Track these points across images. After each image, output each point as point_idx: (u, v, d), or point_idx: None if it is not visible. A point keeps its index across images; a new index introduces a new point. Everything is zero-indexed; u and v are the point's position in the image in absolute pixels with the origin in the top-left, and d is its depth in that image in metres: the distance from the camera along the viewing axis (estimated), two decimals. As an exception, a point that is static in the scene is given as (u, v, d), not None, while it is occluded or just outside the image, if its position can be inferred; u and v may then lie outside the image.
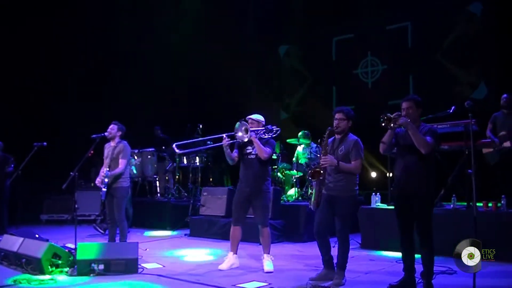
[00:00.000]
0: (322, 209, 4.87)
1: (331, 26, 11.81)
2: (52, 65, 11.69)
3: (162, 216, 9.52)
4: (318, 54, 12.32)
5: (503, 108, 7.24)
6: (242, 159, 5.63)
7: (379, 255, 6.47)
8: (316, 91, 12.08)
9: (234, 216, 5.68)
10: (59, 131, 11.10)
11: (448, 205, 6.87)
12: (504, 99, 7.22)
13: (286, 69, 12.83)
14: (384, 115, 4.36)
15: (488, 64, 9.59)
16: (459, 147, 6.92)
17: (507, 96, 7.23)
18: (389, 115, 4.36)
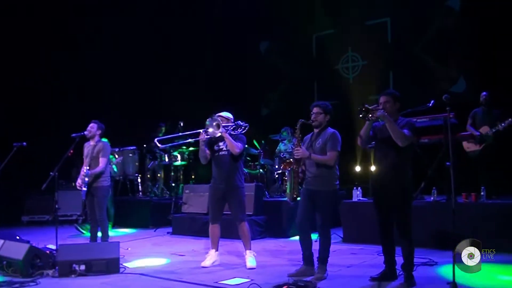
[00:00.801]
0: (303, 204, 4.89)
1: (311, 22, 11.83)
2: (32, 63, 11.51)
3: (144, 215, 9.47)
4: (298, 50, 12.34)
5: (482, 105, 7.38)
6: (213, 156, 5.63)
7: (360, 249, 6.52)
8: (297, 87, 12.09)
9: (211, 215, 5.68)
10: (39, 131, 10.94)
11: (428, 197, 6.95)
12: (483, 97, 7.36)
13: (267, 65, 12.82)
14: (362, 106, 4.40)
15: (467, 59, 9.69)
16: (439, 140, 7.01)
17: (486, 93, 7.36)
18: (367, 106, 4.40)
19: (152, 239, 8.05)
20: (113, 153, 9.48)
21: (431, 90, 9.78)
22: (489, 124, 7.14)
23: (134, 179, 10.37)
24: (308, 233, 4.94)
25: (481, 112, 7.38)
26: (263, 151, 9.27)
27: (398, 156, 4.45)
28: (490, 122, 7.16)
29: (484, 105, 7.35)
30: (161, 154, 10.04)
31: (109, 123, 6.87)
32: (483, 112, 7.35)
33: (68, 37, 11.88)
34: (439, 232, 6.22)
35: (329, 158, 4.80)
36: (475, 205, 6.44)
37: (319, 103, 5.01)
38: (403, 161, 4.48)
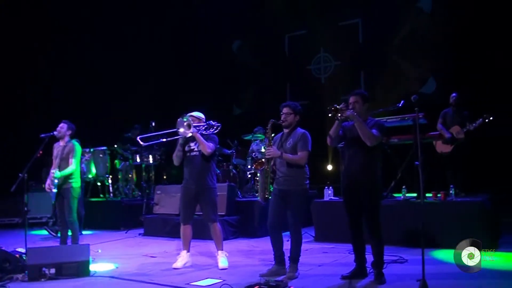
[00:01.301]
0: (274, 204, 4.91)
1: (283, 22, 11.89)
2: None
3: (115, 216, 9.36)
4: (271, 49, 12.39)
5: (452, 106, 7.54)
6: (185, 157, 5.60)
7: (332, 247, 6.58)
8: (270, 87, 12.14)
9: (182, 215, 5.64)
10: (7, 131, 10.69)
11: (398, 196, 7.07)
12: (453, 98, 7.52)
13: (240, 65, 12.82)
14: (332, 106, 4.45)
15: (437, 60, 9.89)
16: (408, 140, 7.13)
17: (456, 94, 7.53)
18: (336, 106, 4.46)
19: (123, 241, 7.96)
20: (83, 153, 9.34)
21: (402, 90, 9.91)
22: (459, 124, 7.30)
23: (105, 180, 10.23)
24: (279, 232, 4.96)
25: (451, 113, 7.53)
26: (235, 151, 9.26)
27: (367, 156, 4.52)
28: (460, 122, 7.33)
29: (454, 105, 7.50)
30: (132, 155, 9.93)
31: (80, 123, 6.76)
32: (453, 113, 7.51)
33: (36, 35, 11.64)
34: (409, 230, 6.33)
35: (301, 158, 4.83)
36: (444, 203, 6.56)
37: (289, 104, 5.04)
38: (372, 161, 4.55)
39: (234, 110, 12.92)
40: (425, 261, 4.22)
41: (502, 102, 8.23)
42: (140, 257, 6.41)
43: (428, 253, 5.37)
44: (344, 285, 4.58)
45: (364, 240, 4.72)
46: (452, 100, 7.53)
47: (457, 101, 7.48)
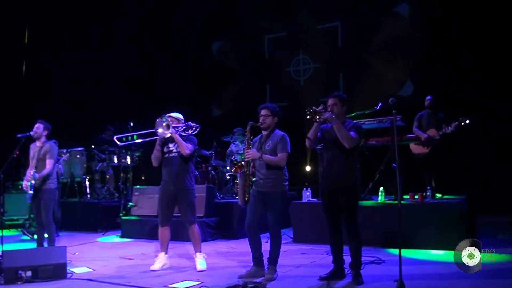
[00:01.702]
0: (253, 206, 4.91)
1: (263, 24, 11.91)
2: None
3: (92, 218, 9.24)
4: (251, 51, 12.38)
5: (427, 108, 7.60)
6: (163, 158, 5.57)
7: (310, 249, 6.62)
8: (250, 89, 12.13)
9: (160, 217, 5.61)
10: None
11: (376, 197, 7.14)
12: (428, 101, 7.57)
13: (220, 66, 12.80)
14: (310, 108, 4.48)
15: (415, 63, 10.03)
16: (386, 142, 7.21)
17: (431, 97, 7.59)
18: (315, 108, 4.48)
19: (101, 243, 7.88)
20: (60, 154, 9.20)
21: (380, 93, 10.04)
22: (435, 127, 7.38)
23: (82, 181, 10.09)
24: (258, 234, 4.97)
25: (426, 115, 7.60)
26: (214, 152, 9.23)
27: (346, 158, 4.56)
28: (436, 125, 7.41)
29: (429, 108, 7.57)
30: (110, 156, 9.83)
31: (56, 123, 6.66)
32: (428, 115, 7.58)
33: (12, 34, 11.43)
34: (386, 231, 6.40)
35: (280, 159, 4.85)
36: (421, 204, 6.65)
37: (267, 105, 5.04)
38: (350, 163, 4.59)
39: (213, 111, 12.88)
40: (402, 262, 4.27)
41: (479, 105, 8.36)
42: (117, 259, 6.34)
43: (405, 254, 5.43)
44: (322, 286, 4.61)
45: (342, 241, 4.76)
46: (427, 103, 7.59)
47: (432, 103, 7.55)
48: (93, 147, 10.12)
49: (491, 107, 8.41)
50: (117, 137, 5.87)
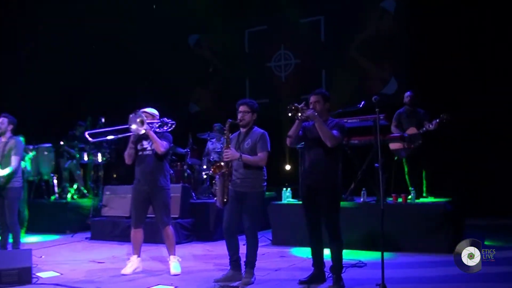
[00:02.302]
0: (230, 207, 4.88)
1: (243, 17, 11.89)
2: None
3: (60, 219, 9.12)
4: (230, 45, 12.34)
5: (406, 105, 7.55)
6: (136, 156, 5.51)
7: (290, 252, 6.64)
8: (229, 84, 12.12)
9: (133, 218, 5.56)
10: None
11: (358, 198, 7.19)
12: (408, 97, 7.51)
13: (196, 60, 12.74)
14: (292, 105, 4.48)
15: (399, 60, 10.13)
16: (369, 141, 7.24)
17: (410, 93, 7.54)
18: (297, 105, 4.49)
19: (69, 246, 7.78)
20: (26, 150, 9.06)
21: (363, 90, 10.13)
22: (416, 125, 7.36)
23: (50, 179, 9.95)
24: (235, 236, 4.95)
25: (406, 113, 7.55)
26: (190, 150, 9.19)
27: (327, 157, 4.57)
28: (416, 122, 7.37)
29: (409, 105, 7.50)
30: (80, 153, 9.71)
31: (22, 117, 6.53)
32: (408, 113, 7.52)
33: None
34: (369, 233, 6.45)
35: (260, 159, 4.84)
36: (404, 206, 6.71)
37: (246, 101, 5.03)
38: (332, 162, 4.60)
39: (190, 107, 12.82)
40: (384, 265, 4.31)
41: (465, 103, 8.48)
42: (87, 262, 6.27)
43: (388, 257, 5.48)
44: (302, 290, 4.63)
45: (322, 243, 4.77)
46: (406, 100, 7.50)
47: (412, 100, 7.47)
48: (62, 143, 9.98)
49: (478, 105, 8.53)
50: (89, 132, 5.78)
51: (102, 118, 9.07)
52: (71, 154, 9.92)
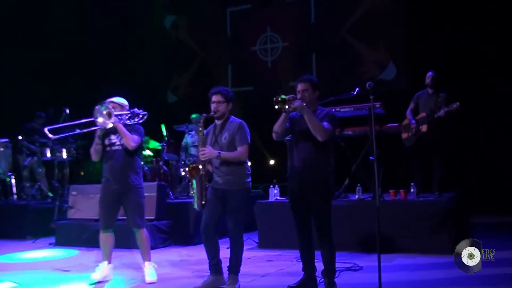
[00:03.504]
0: (210, 206, 4.87)
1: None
2: None
3: (19, 223, 9.04)
4: (210, 26, 12.34)
5: (428, 87, 7.51)
6: (104, 152, 5.48)
7: (278, 255, 6.64)
8: (209, 70, 12.12)
9: (102, 221, 5.52)
10: None
11: (352, 195, 7.23)
12: (429, 78, 7.45)
13: (174, 44, 12.68)
14: (278, 96, 4.45)
15: (397, 43, 10.18)
16: (364, 132, 7.28)
17: (432, 73, 7.47)
18: (284, 96, 4.46)
19: (30, 253, 7.70)
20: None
21: (358, 76, 10.18)
22: (432, 109, 7.28)
23: (7, 178, 9.86)
24: (215, 237, 4.94)
25: (425, 95, 7.50)
26: (166, 144, 9.16)
27: (317, 151, 4.56)
28: (433, 106, 7.30)
29: (430, 86, 7.44)
30: (41, 148, 9.63)
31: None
32: (427, 95, 7.48)
33: None
34: (364, 233, 6.50)
35: (241, 153, 4.83)
36: (403, 203, 6.76)
37: (219, 90, 4.99)
38: (322, 156, 4.60)
39: (168, 96, 12.78)
40: (382, 268, 4.34)
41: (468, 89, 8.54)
42: (50, 271, 6.22)
43: (385, 259, 5.52)
44: (291, 297, 4.65)
45: (313, 245, 4.79)
46: (428, 80, 7.44)
47: (434, 81, 7.41)
48: (21, 137, 9.89)
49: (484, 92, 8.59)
50: (49, 128, 5.70)
51: (66, 109, 8.98)
52: (32, 150, 9.83)
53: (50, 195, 9.82)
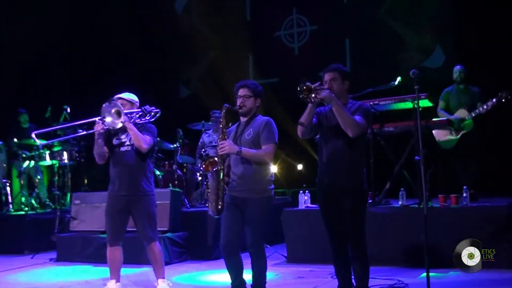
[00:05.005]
0: (228, 216, 4.84)
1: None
2: None
3: (16, 236, 9.19)
4: (228, 10, 12.36)
5: (456, 83, 7.59)
6: (112, 153, 5.51)
7: (310, 271, 6.62)
8: (227, 60, 12.11)
9: (109, 233, 5.56)
10: None
11: (395, 201, 7.18)
12: (457, 72, 7.54)
13: (186, 31, 12.73)
14: (303, 83, 4.43)
15: (446, 24, 10.07)
16: (407, 128, 7.23)
17: (461, 67, 7.58)
18: (309, 84, 4.45)
19: (29, 269, 7.81)
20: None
21: (399, 63, 10.10)
22: (468, 106, 7.36)
23: (2, 186, 10.01)
24: (237, 254, 4.90)
25: (456, 92, 7.58)
26: (180, 145, 9.20)
27: (349, 150, 4.53)
28: (468, 103, 7.38)
29: (459, 82, 7.55)
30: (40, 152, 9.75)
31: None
32: (458, 91, 7.56)
33: None
34: (410, 245, 6.44)
35: (266, 153, 4.81)
36: (455, 210, 6.69)
37: (247, 83, 4.99)
38: (355, 156, 4.57)
39: (180, 91, 12.84)
40: (431, 286, 4.30)
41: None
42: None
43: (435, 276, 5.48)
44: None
45: (350, 259, 4.76)
46: (456, 75, 7.55)
47: (463, 75, 7.51)
48: (16, 140, 10.01)
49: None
50: (36, 132, 5.73)
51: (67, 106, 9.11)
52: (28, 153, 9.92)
53: (50, 205, 9.93)
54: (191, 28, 12.71)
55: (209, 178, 4.92)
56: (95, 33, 12.18)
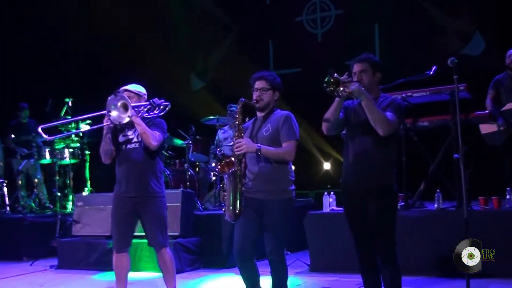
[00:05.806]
0: (244, 221, 4.84)
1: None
2: None
3: (14, 241, 9.27)
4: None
5: (509, 70, 7.46)
6: (118, 151, 5.52)
7: (335, 280, 6.63)
8: (244, 48, 12.12)
9: (115, 238, 5.56)
10: None
11: (430, 204, 7.14)
12: (509, 57, 7.40)
13: (199, 17, 12.75)
14: (330, 75, 4.39)
15: (486, 8, 10.00)
16: (444, 122, 7.18)
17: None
18: (337, 76, 4.41)
19: (28, 277, 7.86)
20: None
21: (434, 51, 10.04)
22: None
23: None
24: (252, 261, 4.90)
25: (508, 79, 7.46)
26: (192, 142, 9.21)
27: (378, 148, 4.49)
28: None
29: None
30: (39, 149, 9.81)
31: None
32: (510, 79, 7.43)
33: None
34: (447, 253, 6.37)
35: (287, 151, 4.78)
36: (498, 213, 6.66)
37: (264, 75, 4.97)
38: (384, 155, 4.53)
39: (192, 82, 12.87)
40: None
41: None
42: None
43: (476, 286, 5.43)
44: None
45: (379, 268, 4.73)
46: (508, 61, 7.42)
47: None
48: (13, 137, 10.07)
49: None
50: (43, 127, 5.76)
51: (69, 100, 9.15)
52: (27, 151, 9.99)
53: (51, 207, 9.98)
54: (205, 14, 12.73)
55: (225, 180, 4.91)
56: (100, 21, 12.23)
